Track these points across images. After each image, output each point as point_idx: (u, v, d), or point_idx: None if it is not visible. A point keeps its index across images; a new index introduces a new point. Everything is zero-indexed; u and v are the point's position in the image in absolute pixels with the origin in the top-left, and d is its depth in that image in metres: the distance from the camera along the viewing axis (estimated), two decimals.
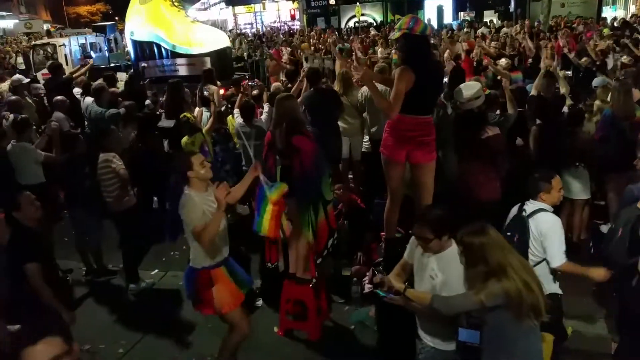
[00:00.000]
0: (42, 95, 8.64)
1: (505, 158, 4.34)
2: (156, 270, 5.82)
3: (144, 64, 10.98)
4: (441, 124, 4.72)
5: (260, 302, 4.96)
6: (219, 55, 10.39)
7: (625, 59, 8.70)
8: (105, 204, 5.30)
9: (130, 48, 11.60)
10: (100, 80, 8.07)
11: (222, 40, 10.93)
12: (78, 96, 8.20)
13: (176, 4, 10.84)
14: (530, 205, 3.41)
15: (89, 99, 7.23)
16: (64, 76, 8.60)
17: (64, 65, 11.36)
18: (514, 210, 3.52)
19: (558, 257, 3.28)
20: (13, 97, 7.46)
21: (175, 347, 4.49)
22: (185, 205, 3.40)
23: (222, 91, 8.02)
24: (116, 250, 5.56)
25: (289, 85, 7.22)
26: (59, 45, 14.87)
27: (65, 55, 14.62)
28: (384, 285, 3.07)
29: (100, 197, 5.26)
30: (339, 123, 6.28)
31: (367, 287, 4.64)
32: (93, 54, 15.18)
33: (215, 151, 6.28)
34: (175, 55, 10.55)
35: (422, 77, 3.57)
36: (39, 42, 17.17)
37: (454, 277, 2.87)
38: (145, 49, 10.92)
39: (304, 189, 4.11)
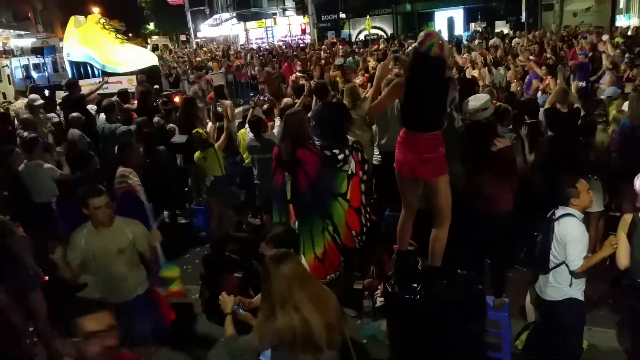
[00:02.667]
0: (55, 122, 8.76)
1: (516, 170, 4.30)
2: None
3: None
4: (446, 136, 4.71)
5: None
6: (148, 73, 11.25)
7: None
8: None
9: (67, 68, 12.55)
10: (113, 98, 8.22)
11: (148, 60, 11.88)
12: (93, 112, 8.35)
13: (107, 27, 11.87)
14: (560, 210, 3.54)
15: (102, 116, 7.35)
16: (79, 93, 8.79)
17: (7, 84, 13.74)
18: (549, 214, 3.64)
19: (577, 261, 3.38)
20: (26, 115, 7.60)
21: None
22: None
23: None
24: None
25: (296, 100, 7.28)
26: (2, 67, 16.11)
27: (8, 75, 15.93)
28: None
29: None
30: (348, 137, 6.29)
31: (379, 301, 4.61)
32: (35, 74, 16.51)
33: (225, 165, 6.35)
34: (105, 74, 11.40)
35: (420, 94, 3.54)
36: None
37: None
38: (80, 68, 11.93)
39: (308, 201, 4.13)
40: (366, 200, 4.37)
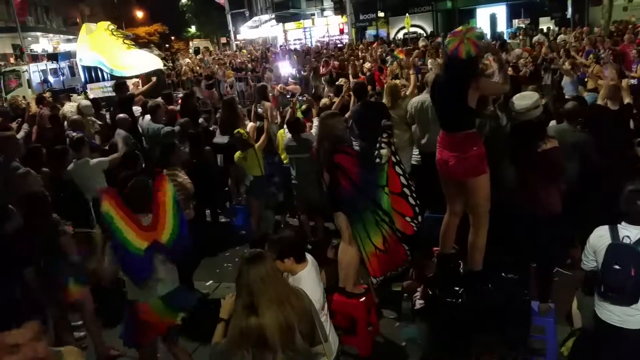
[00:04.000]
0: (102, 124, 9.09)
1: (564, 171, 4.16)
2: (210, 282, 5.95)
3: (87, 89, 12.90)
4: (494, 136, 4.59)
5: None
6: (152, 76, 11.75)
7: None
8: None
9: (80, 72, 13.45)
10: (158, 99, 8.45)
11: (153, 64, 12.40)
12: (137, 114, 8.58)
13: (115, 33, 12.55)
14: (633, 230, 3.10)
15: (147, 117, 7.55)
16: (127, 93, 9.10)
17: (27, 88, 14.94)
18: (604, 236, 3.20)
19: None
20: (75, 117, 7.88)
21: None
22: None
23: None
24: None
25: (335, 100, 7.28)
26: (23, 72, 17.39)
27: (28, 80, 17.10)
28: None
29: None
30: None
31: (419, 303, 4.55)
32: (52, 79, 17.64)
33: (264, 165, 6.40)
34: (114, 78, 11.89)
35: (441, 94, 3.59)
36: (7, 68, 19.62)
37: None
38: (92, 72, 12.79)
39: (349, 204, 4.14)
40: (407, 182, 4.28)
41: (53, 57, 20.01)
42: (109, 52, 12.11)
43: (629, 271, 3.03)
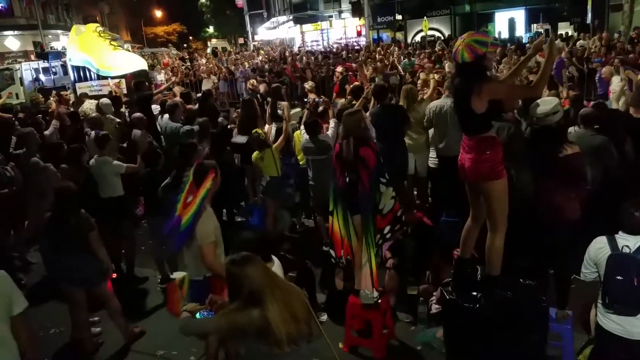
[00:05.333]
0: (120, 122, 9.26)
1: (584, 178, 4.12)
2: None
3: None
4: (513, 141, 4.56)
5: (325, 317, 4.98)
6: (135, 77, 12.31)
7: None
8: None
9: (70, 72, 14.08)
10: (176, 98, 8.54)
11: (137, 65, 13.03)
12: (156, 113, 8.68)
13: (102, 35, 13.21)
14: (632, 240, 3.10)
15: (166, 116, 7.63)
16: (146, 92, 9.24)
17: (19, 86, 16.29)
18: (604, 247, 3.19)
19: None
20: (94, 115, 8.00)
21: None
22: (204, 219, 3.69)
23: None
24: None
25: (353, 102, 7.28)
26: (15, 70, 18.31)
27: (20, 78, 17.97)
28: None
29: None
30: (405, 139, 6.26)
31: (435, 308, 4.54)
32: (43, 77, 18.45)
33: (281, 166, 6.43)
34: (100, 77, 12.76)
35: (453, 99, 3.67)
36: (1, 67, 20.61)
37: None
38: (80, 72, 13.29)
39: (367, 204, 4.15)
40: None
41: (43, 56, 20.81)
42: (97, 53, 12.79)
43: (632, 281, 3.02)
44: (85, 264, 4.48)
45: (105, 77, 12.60)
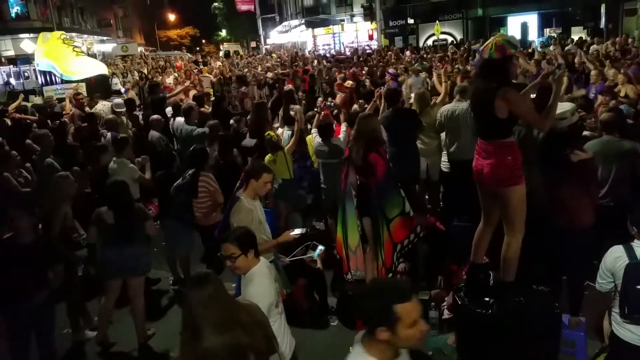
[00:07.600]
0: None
1: (597, 183, 4.10)
2: (234, 284, 5.99)
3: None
4: (525, 145, 4.55)
5: (335, 321, 4.98)
6: (97, 81, 13.97)
7: None
8: (193, 217, 5.57)
9: (38, 76, 15.40)
10: (190, 101, 8.62)
11: (98, 69, 14.36)
12: (169, 115, 8.76)
13: (66, 42, 14.31)
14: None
15: (180, 119, 7.69)
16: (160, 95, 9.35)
17: None
18: (621, 256, 3.16)
19: None
20: (110, 116, 8.08)
21: None
22: (238, 211, 3.85)
23: None
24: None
25: (366, 106, 7.30)
26: None
27: None
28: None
29: (191, 210, 5.52)
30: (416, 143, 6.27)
31: (446, 313, 4.53)
32: (14, 81, 19.94)
33: (294, 169, 6.45)
34: (64, 81, 14.07)
35: (473, 102, 3.60)
36: None
37: (247, 296, 2.91)
38: (46, 76, 14.51)
39: (376, 207, 4.16)
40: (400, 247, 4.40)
41: (13, 61, 22.62)
42: (61, 59, 13.79)
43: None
44: (142, 252, 4.71)
45: (69, 81, 13.70)
